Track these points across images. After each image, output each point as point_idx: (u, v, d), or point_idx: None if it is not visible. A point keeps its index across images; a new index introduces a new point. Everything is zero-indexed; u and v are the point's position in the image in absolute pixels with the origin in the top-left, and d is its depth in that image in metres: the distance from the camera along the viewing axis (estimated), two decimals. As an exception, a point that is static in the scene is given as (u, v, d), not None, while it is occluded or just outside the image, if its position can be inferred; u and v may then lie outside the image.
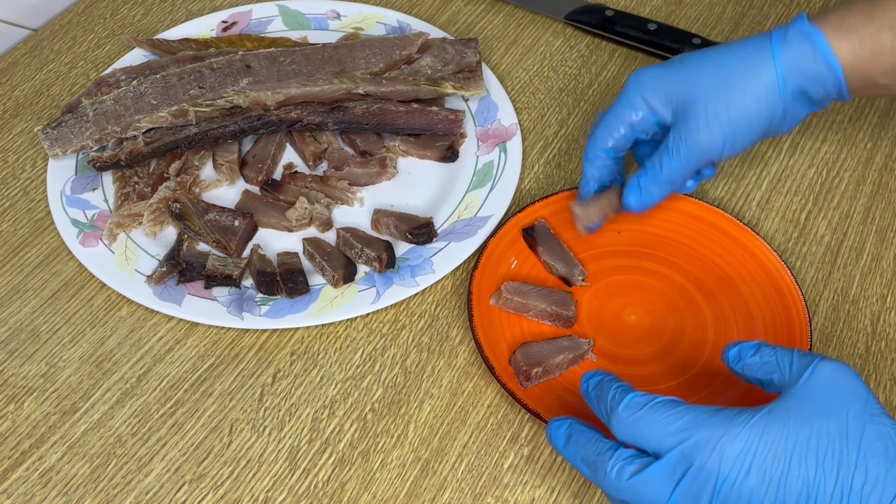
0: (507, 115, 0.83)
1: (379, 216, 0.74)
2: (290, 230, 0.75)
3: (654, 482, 0.51)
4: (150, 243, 0.74)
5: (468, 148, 0.81)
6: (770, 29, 0.66)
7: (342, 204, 0.78)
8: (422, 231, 0.73)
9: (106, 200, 0.77)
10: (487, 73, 0.86)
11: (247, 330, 0.69)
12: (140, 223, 0.75)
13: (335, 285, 0.70)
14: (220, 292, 0.70)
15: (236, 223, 0.73)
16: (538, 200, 0.75)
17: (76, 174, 0.78)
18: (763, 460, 0.50)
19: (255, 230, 0.75)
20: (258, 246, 0.74)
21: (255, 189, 0.78)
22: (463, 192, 0.77)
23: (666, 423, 0.52)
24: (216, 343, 0.69)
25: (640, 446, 0.53)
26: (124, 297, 0.71)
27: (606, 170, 0.70)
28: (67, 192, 0.77)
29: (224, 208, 0.74)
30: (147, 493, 0.61)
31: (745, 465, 0.50)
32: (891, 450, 0.49)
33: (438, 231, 0.75)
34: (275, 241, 0.75)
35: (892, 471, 0.49)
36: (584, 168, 0.71)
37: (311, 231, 0.76)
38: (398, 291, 0.70)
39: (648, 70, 0.67)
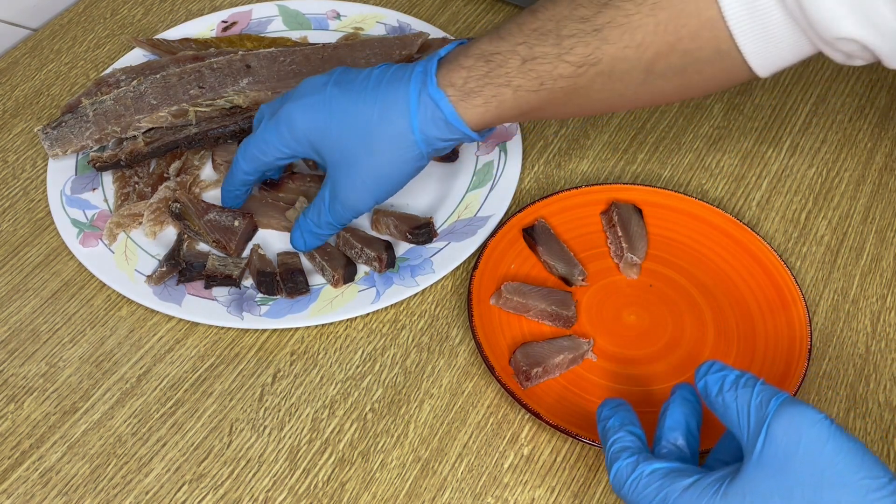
0: (507, 115, 0.82)
1: (379, 216, 0.74)
2: (290, 230, 0.75)
3: None
4: (150, 243, 0.74)
5: (468, 148, 0.81)
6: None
7: (342, 204, 0.78)
8: (421, 231, 0.73)
9: (106, 200, 0.77)
10: (487, 73, 0.86)
11: (247, 330, 0.69)
12: (140, 223, 0.75)
13: (335, 285, 0.70)
14: (220, 292, 0.70)
15: (236, 223, 0.73)
16: (538, 200, 0.75)
17: (76, 174, 0.78)
18: None
19: (254, 230, 0.75)
20: (258, 246, 0.74)
21: (254, 189, 0.78)
22: (463, 192, 0.77)
23: (645, 496, 0.51)
24: (216, 343, 0.69)
25: None
26: (124, 297, 0.71)
27: (246, 188, 0.74)
28: (67, 192, 0.77)
29: (224, 208, 0.74)
30: (147, 493, 0.61)
31: None
32: None
33: (438, 231, 0.75)
34: (275, 242, 0.75)
35: None
36: (228, 183, 0.73)
37: None
38: (398, 291, 0.70)
39: (298, 111, 0.66)
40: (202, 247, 0.74)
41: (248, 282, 0.72)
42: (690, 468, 0.51)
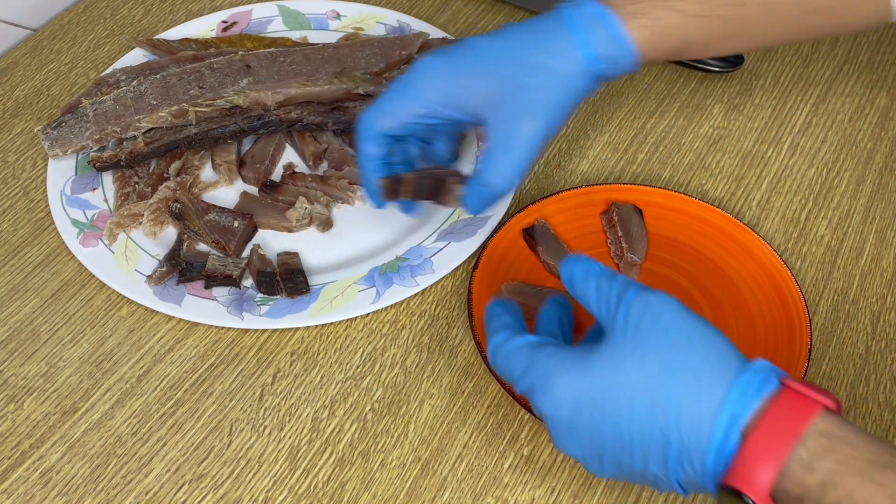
0: (507, 115, 0.82)
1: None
2: (290, 230, 0.75)
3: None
4: (150, 243, 0.74)
5: (468, 148, 0.81)
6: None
7: (343, 203, 0.78)
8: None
9: (106, 200, 0.77)
10: (487, 73, 0.86)
11: (247, 330, 0.69)
12: (140, 223, 0.75)
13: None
14: (220, 292, 0.70)
15: (235, 224, 0.73)
16: (538, 200, 0.75)
17: (76, 174, 0.78)
18: (593, 397, 0.51)
19: (254, 231, 0.75)
20: (258, 246, 0.74)
21: (254, 189, 0.78)
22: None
23: (517, 361, 0.55)
24: (216, 343, 0.69)
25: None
26: (124, 297, 0.71)
27: (384, 149, 0.66)
28: (67, 192, 0.77)
29: (224, 209, 0.74)
30: (147, 493, 0.61)
31: (572, 404, 0.52)
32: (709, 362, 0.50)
33: (438, 231, 0.75)
34: (275, 242, 0.75)
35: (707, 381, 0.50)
36: (359, 147, 0.66)
37: (312, 231, 0.76)
38: (398, 291, 0.70)
39: (434, 59, 0.63)
40: (202, 247, 0.74)
41: (248, 282, 0.72)
42: (559, 343, 0.55)
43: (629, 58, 0.63)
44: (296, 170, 0.80)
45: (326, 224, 0.75)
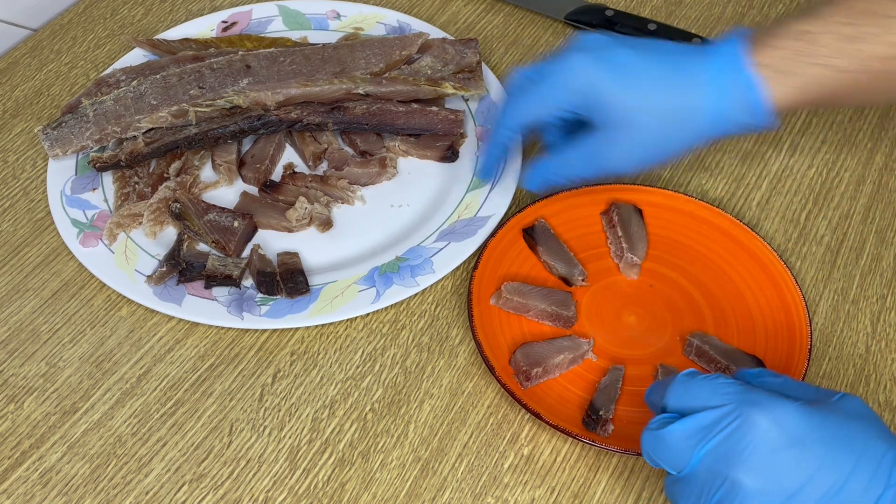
0: (507, 115, 0.82)
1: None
2: (290, 230, 0.75)
3: (688, 434, 0.51)
4: (150, 243, 0.74)
5: (468, 148, 0.81)
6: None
7: (343, 203, 0.78)
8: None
9: (106, 200, 0.77)
10: (487, 73, 0.86)
11: (247, 330, 0.69)
12: (140, 223, 0.75)
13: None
14: (220, 292, 0.70)
15: (235, 224, 0.73)
16: (538, 200, 0.75)
17: (76, 174, 0.78)
18: (805, 435, 0.49)
19: (254, 231, 0.75)
20: (258, 246, 0.74)
21: (254, 189, 0.78)
22: (463, 192, 0.77)
23: (719, 387, 0.52)
24: (216, 343, 0.69)
25: (688, 407, 0.52)
26: (124, 297, 0.71)
27: (513, 143, 0.72)
28: (67, 192, 0.77)
29: (224, 209, 0.74)
30: (147, 493, 0.61)
31: (788, 433, 0.49)
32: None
33: (438, 231, 0.75)
34: (275, 242, 0.75)
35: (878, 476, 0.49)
36: (494, 139, 0.71)
37: (312, 231, 0.76)
38: (398, 291, 0.70)
39: (587, 63, 0.64)
40: (202, 247, 0.74)
41: (248, 282, 0.72)
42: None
43: (762, 121, 0.63)
44: (296, 170, 0.80)
45: (326, 224, 0.75)
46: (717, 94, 0.62)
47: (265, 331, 0.70)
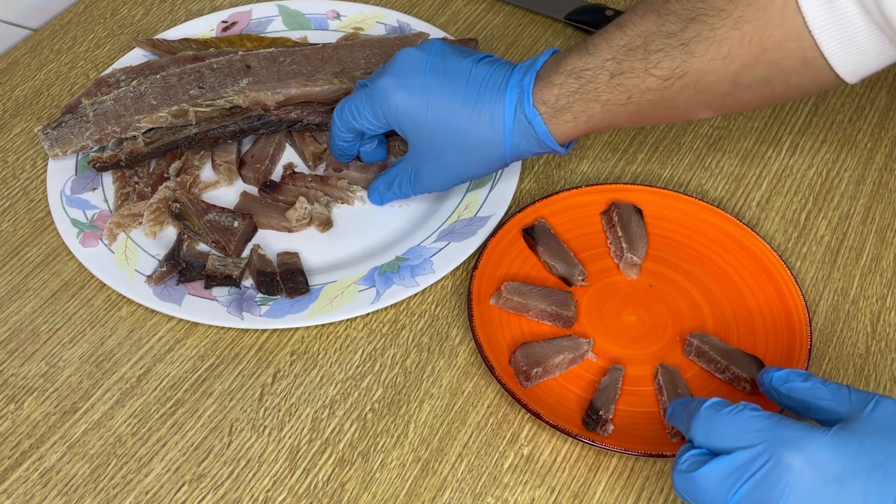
0: (507, 115, 0.82)
1: None
2: (290, 230, 0.75)
3: (720, 477, 0.50)
4: (150, 243, 0.74)
5: (468, 148, 0.81)
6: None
7: (343, 203, 0.78)
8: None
9: (106, 200, 0.77)
10: (487, 73, 0.86)
11: (247, 330, 0.69)
12: (140, 223, 0.75)
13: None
14: (220, 292, 0.70)
15: (235, 224, 0.73)
16: (538, 200, 0.75)
17: (76, 174, 0.78)
18: (841, 471, 0.48)
19: (254, 231, 0.75)
20: (258, 246, 0.74)
21: (254, 189, 0.78)
22: (463, 192, 0.77)
23: (746, 423, 0.51)
24: (216, 343, 0.69)
25: (716, 446, 0.52)
26: (124, 297, 0.71)
27: (349, 145, 0.75)
28: (67, 192, 0.77)
29: (224, 209, 0.74)
30: (147, 493, 0.61)
31: (823, 471, 0.48)
32: None
33: (438, 231, 0.75)
34: (275, 242, 0.75)
35: None
36: (331, 138, 0.75)
37: (312, 231, 0.76)
38: (398, 291, 0.70)
39: (395, 91, 0.68)
40: (202, 247, 0.74)
41: (248, 282, 0.72)
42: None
43: (549, 149, 0.68)
44: (296, 170, 0.80)
45: (326, 224, 0.75)
46: (509, 129, 0.67)
47: (265, 331, 0.70)
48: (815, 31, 0.58)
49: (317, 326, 0.70)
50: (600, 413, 0.63)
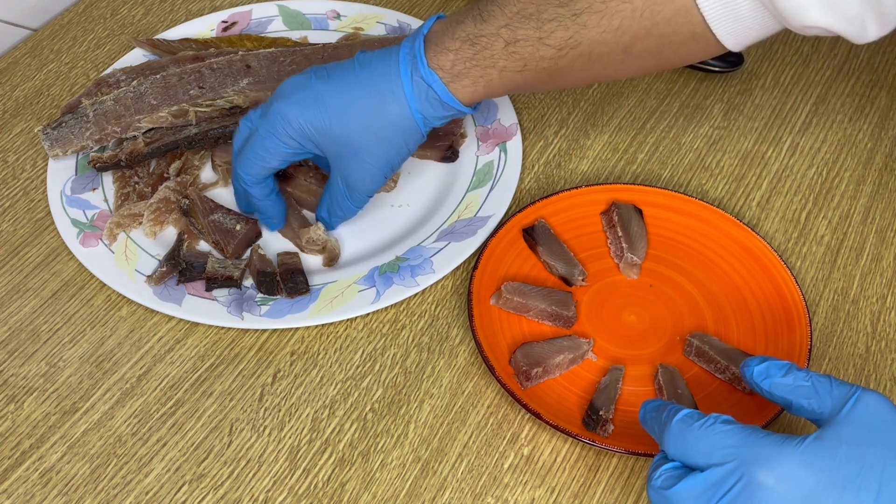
0: (507, 115, 0.83)
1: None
2: (299, 247, 0.74)
3: (695, 495, 0.50)
4: (150, 243, 0.74)
5: (468, 148, 0.81)
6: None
7: (342, 204, 0.78)
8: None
9: (106, 200, 0.77)
10: (487, 73, 0.86)
11: (247, 330, 0.69)
12: (140, 223, 0.75)
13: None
14: (221, 292, 0.70)
15: (237, 227, 0.73)
16: (538, 200, 0.75)
17: (76, 174, 0.78)
18: (814, 487, 0.48)
19: (257, 236, 0.75)
20: (258, 246, 0.74)
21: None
22: (463, 192, 0.77)
23: (717, 438, 0.50)
24: (216, 343, 0.69)
25: (689, 461, 0.51)
26: (124, 297, 0.71)
27: (266, 188, 0.72)
28: (67, 192, 0.77)
29: (230, 210, 0.74)
30: (147, 493, 0.61)
31: (795, 488, 0.48)
32: None
33: (438, 231, 0.75)
34: (275, 242, 0.75)
35: None
36: (236, 189, 0.73)
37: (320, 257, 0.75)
38: (398, 291, 0.70)
39: (292, 109, 0.67)
40: (202, 246, 0.74)
41: (248, 282, 0.71)
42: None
43: (455, 111, 0.67)
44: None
45: (333, 260, 0.73)
46: (409, 94, 0.66)
47: (265, 331, 0.70)
48: (703, 8, 0.61)
49: (317, 326, 0.70)
50: (600, 413, 0.63)
